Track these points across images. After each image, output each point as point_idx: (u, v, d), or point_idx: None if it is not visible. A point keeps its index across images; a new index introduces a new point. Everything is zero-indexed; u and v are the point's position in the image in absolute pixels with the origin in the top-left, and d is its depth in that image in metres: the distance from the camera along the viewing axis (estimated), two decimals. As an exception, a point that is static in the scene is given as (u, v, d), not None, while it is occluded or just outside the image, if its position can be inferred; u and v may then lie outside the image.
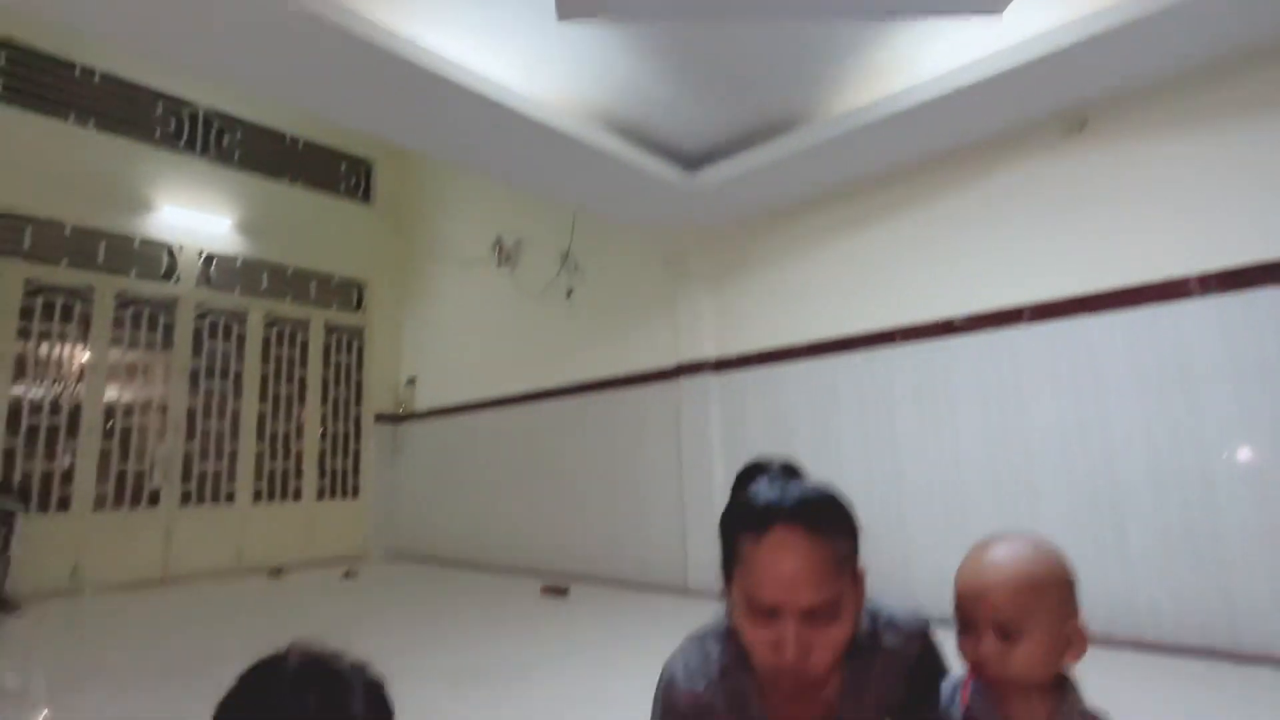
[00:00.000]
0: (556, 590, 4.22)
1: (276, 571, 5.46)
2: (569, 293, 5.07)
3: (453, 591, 4.59)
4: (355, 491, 6.45)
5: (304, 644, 0.69)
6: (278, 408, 6.01)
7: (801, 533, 0.78)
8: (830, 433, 3.65)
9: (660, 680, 0.89)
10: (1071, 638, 0.80)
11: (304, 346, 6.25)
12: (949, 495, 3.20)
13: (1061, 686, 0.81)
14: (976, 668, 0.81)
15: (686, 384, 4.27)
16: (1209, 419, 2.58)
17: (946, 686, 0.87)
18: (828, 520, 0.81)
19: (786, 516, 0.79)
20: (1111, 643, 2.61)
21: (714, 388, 4.18)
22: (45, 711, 2.37)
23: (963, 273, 3.30)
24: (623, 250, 4.84)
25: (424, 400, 6.54)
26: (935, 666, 0.91)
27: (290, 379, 6.13)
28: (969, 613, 0.81)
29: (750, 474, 0.88)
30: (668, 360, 4.43)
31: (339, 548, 6.16)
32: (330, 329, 6.47)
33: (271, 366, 6.00)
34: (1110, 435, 2.79)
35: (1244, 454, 2.50)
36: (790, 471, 0.88)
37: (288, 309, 6.16)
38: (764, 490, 0.83)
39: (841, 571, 0.79)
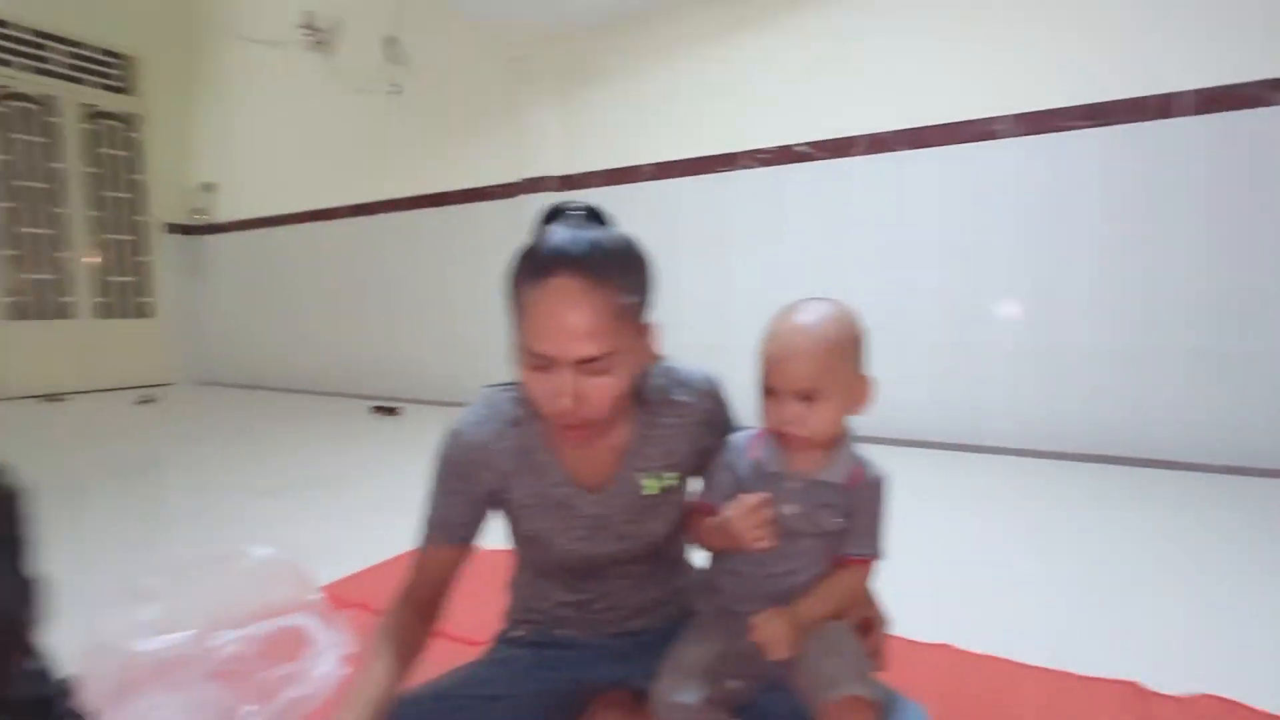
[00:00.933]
0: (387, 410, 4.09)
1: (53, 397, 4.78)
2: (398, 89, 4.44)
3: (274, 414, 4.30)
4: (145, 311, 5.65)
5: None
6: (28, 209, 4.94)
7: (582, 282, 0.72)
8: (671, 259, 3.65)
9: (445, 435, 0.85)
10: (861, 392, 0.84)
11: (55, 132, 5.07)
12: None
13: (840, 435, 0.86)
14: (778, 429, 0.83)
15: (531, 201, 4.02)
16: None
17: (736, 440, 0.90)
18: (614, 270, 0.74)
19: (569, 264, 0.72)
20: (929, 445, 3.02)
21: (559, 206, 3.97)
22: None
23: (811, 95, 3.25)
24: (461, 44, 4.25)
25: (228, 210, 5.69)
26: (724, 423, 0.93)
27: (40, 174, 5.00)
28: (773, 380, 0.82)
29: (553, 218, 0.80)
30: (511, 175, 4.11)
31: (131, 373, 5.47)
32: (91, 114, 5.26)
33: (15, 157, 4.85)
34: (909, 264, 3.04)
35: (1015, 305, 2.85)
36: (594, 216, 0.80)
37: (25, 82, 4.89)
38: (555, 235, 0.76)
39: (622, 324, 0.75)
